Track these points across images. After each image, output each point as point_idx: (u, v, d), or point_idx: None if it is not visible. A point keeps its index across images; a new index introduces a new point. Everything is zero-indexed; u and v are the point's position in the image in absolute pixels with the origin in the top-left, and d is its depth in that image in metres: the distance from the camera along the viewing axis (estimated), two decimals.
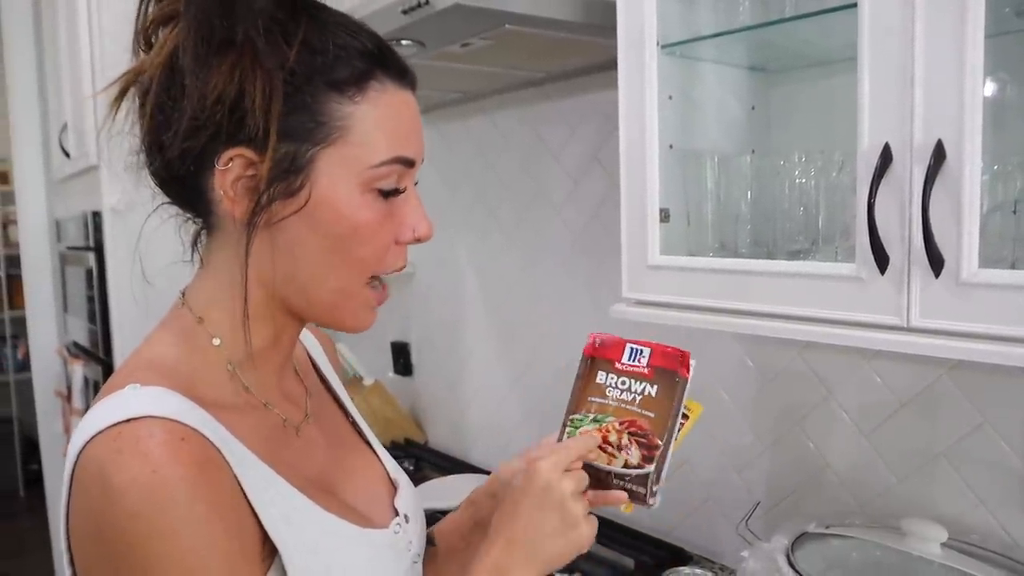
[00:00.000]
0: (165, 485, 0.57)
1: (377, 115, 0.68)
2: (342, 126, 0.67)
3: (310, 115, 0.66)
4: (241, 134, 0.65)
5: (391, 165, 0.69)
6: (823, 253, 1.05)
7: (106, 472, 0.58)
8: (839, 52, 1.14)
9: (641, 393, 0.81)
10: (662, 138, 1.11)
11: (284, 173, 0.66)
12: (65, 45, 2.75)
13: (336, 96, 0.67)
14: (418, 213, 0.74)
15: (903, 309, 0.84)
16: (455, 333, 2.17)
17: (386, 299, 0.76)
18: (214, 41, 0.64)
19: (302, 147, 0.66)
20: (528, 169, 1.86)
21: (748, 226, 1.17)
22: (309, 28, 0.67)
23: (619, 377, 0.83)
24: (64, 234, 3.10)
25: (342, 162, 0.67)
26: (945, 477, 1.15)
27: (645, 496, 0.80)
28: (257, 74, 0.64)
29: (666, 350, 0.82)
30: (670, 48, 1.10)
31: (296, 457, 0.76)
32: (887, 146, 0.83)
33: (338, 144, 0.67)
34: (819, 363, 1.31)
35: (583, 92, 1.70)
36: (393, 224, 0.72)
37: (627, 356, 0.83)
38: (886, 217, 0.84)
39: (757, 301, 0.99)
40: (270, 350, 0.76)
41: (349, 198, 0.68)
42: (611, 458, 0.80)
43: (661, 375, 0.81)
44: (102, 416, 0.60)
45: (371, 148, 0.68)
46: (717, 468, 1.49)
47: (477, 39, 1.30)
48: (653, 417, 0.80)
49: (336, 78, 0.66)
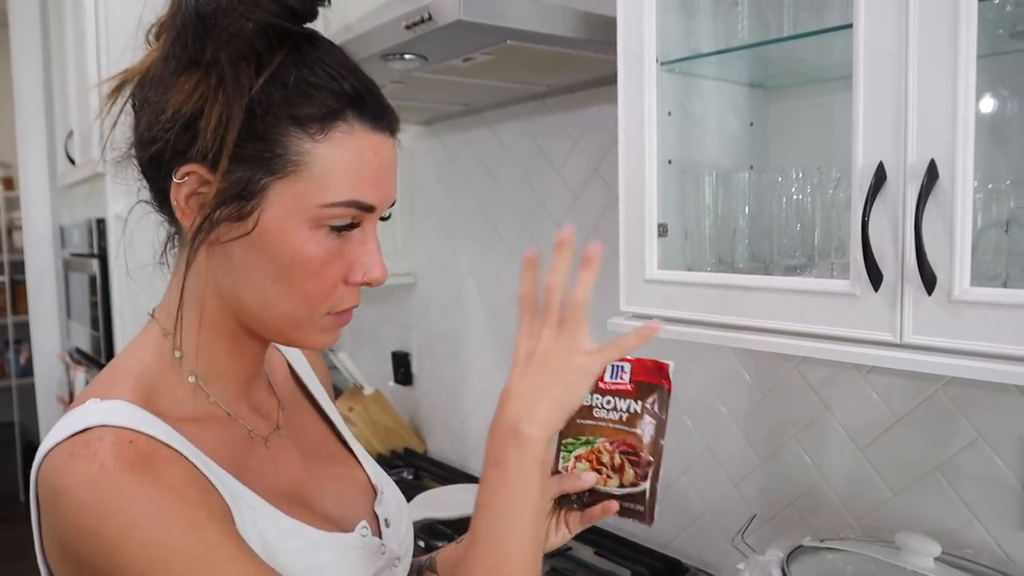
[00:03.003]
0: (111, 476, 0.60)
1: (337, 156, 0.68)
2: (298, 161, 0.67)
3: (267, 145, 0.66)
4: (197, 152, 0.66)
5: (344, 208, 0.69)
6: (819, 269, 1.06)
7: (57, 477, 0.61)
8: (837, 70, 1.15)
9: (627, 411, 0.82)
10: (661, 153, 1.12)
11: (235, 197, 0.67)
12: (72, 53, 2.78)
13: (297, 131, 0.67)
14: (372, 256, 0.73)
15: (896, 326, 0.85)
16: (455, 343, 2.18)
17: (347, 322, 0.76)
18: (184, 58, 0.66)
19: (256, 175, 0.67)
20: (529, 181, 1.87)
21: (745, 241, 1.18)
22: (286, 61, 0.67)
23: (604, 397, 0.83)
24: (68, 240, 3.12)
25: (294, 196, 0.67)
26: (939, 492, 1.16)
27: (644, 514, 0.81)
28: (218, 97, 0.65)
29: (647, 363, 0.83)
30: (669, 64, 1.12)
31: (262, 467, 0.77)
32: (881, 165, 0.84)
33: (292, 178, 0.67)
34: (815, 377, 1.31)
35: (584, 106, 1.71)
36: (343, 263, 0.71)
37: (609, 374, 0.84)
38: (880, 235, 0.85)
39: (753, 316, 1.00)
40: (233, 363, 0.77)
41: (296, 231, 0.68)
42: (607, 480, 0.81)
43: (644, 389, 0.82)
44: (59, 431, 0.63)
45: (326, 187, 0.68)
46: (714, 481, 1.50)
47: (479, 54, 1.31)
48: (642, 435, 0.81)
49: (299, 113, 0.67)
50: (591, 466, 0.82)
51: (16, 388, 5.05)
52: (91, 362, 2.86)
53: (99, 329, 2.71)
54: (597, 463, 0.81)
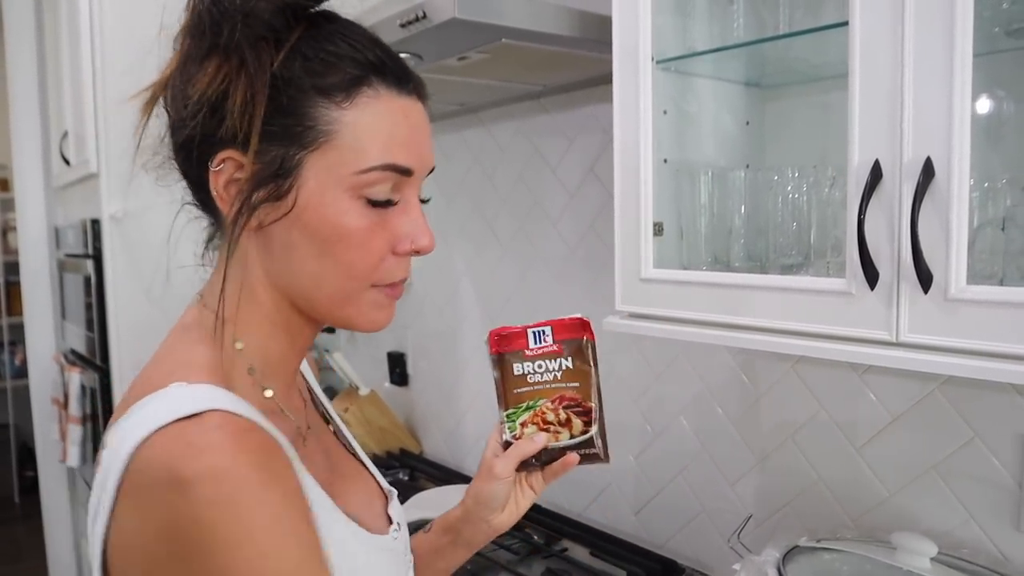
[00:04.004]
0: (239, 471, 0.57)
1: (367, 121, 0.67)
2: (328, 130, 0.67)
3: (297, 119, 0.66)
4: (229, 137, 0.66)
5: (381, 172, 0.68)
6: (815, 268, 1.06)
7: (176, 466, 0.56)
8: (833, 68, 1.15)
9: (559, 369, 0.87)
10: (656, 152, 1.11)
11: (271, 176, 0.67)
12: (67, 53, 2.77)
13: (324, 101, 0.67)
14: (418, 224, 0.72)
15: (892, 324, 0.85)
16: (451, 343, 2.18)
17: (399, 295, 0.75)
18: (204, 46, 0.66)
19: (289, 151, 0.67)
20: (525, 181, 1.87)
21: (741, 240, 1.17)
22: (304, 36, 0.67)
23: (534, 362, 0.87)
24: (63, 241, 3.11)
25: (329, 167, 0.67)
26: (936, 491, 1.16)
27: (599, 454, 0.88)
28: (241, 77, 0.65)
29: (565, 322, 0.88)
30: (665, 63, 1.11)
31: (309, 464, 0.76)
32: (877, 163, 0.84)
33: (324, 149, 0.67)
34: (812, 377, 1.31)
35: (580, 105, 1.71)
36: (387, 234, 0.71)
37: (533, 341, 0.88)
38: (876, 233, 0.85)
39: (749, 315, 0.99)
40: (287, 355, 0.76)
41: (336, 203, 0.68)
42: (556, 435, 0.87)
43: (570, 345, 0.87)
44: (155, 415, 0.59)
45: (359, 153, 0.67)
46: (710, 481, 1.49)
47: (474, 53, 1.31)
48: (579, 385, 0.87)
49: (323, 83, 0.67)
50: (538, 427, 0.87)
51: (11, 390, 5.04)
52: (86, 363, 2.85)
53: (94, 330, 2.70)
54: (544, 423, 0.87)
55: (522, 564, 1.53)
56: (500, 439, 0.89)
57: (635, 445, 1.64)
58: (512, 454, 0.87)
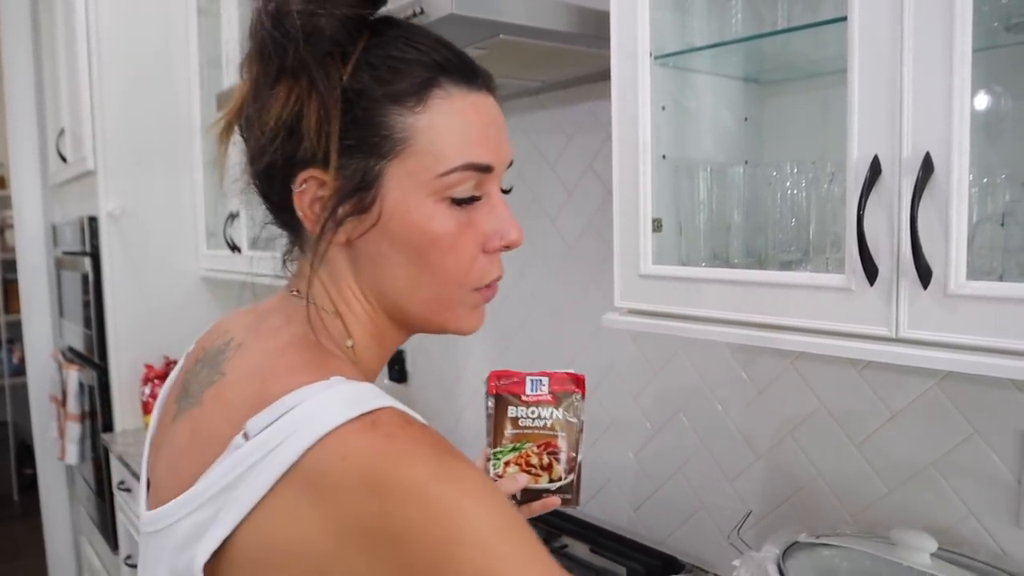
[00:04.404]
0: (457, 467, 0.56)
1: (441, 123, 0.67)
2: (405, 137, 0.66)
3: (373, 130, 0.66)
4: (308, 156, 0.66)
5: (461, 172, 0.67)
6: (814, 264, 1.06)
7: (377, 463, 0.54)
8: (831, 64, 1.14)
9: (550, 417, 0.92)
10: (655, 148, 1.11)
11: (355, 190, 0.66)
12: (63, 50, 2.76)
13: (396, 109, 0.66)
14: (504, 218, 0.71)
15: (892, 320, 0.85)
16: (450, 341, 2.17)
17: (493, 296, 0.75)
18: (272, 71, 0.66)
19: (370, 162, 0.66)
20: (524, 177, 1.86)
21: (740, 236, 1.17)
22: (368, 45, 0.67)
23: (528, 408, 0.93)
24: (60, 239, 3.11)
25: (410, 174, 0.66)
26: (935, 488, 1.16)
27: (572, 500, 0.93)
28: (312, 96, 0.65)
29: (561, 376, 0.93)
30: (663, 59, 1.11)
31: None
32: (876, 158, 0.83)
33: (403, 156, 0.66)
34: (811, 373, 1.31)
35: (578, 101, 1.70)
36: (476, 233, 0.70)
37: (530, 388, 0.93)
38: (875, 229, 0.84)
39: (748, 311, 0.99)
40: (379, 364, 0.77)
41: (420, 209, 0.67)
42: (536, 478, 0.92)
43: (562, 398, 0.93)
44: (332, 410, 0.57)
45: (437, 157, 0.66)
46: (709, 477, 1.49)
47: (472, 48, 1.30)
48: (565, 436, 0.92)
49: (394, 91, 0.66)
50: (521, 468, 0.92)
51: (9, 388, 5.04)
52: (84, 361, 2.85)
53: (92, 328, 2.70)
54: (527, 465, 0.92)
55: None
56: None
57: (634, 441, 1.64)
58: None
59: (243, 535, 0.57)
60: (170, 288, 2.71)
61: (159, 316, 2.68)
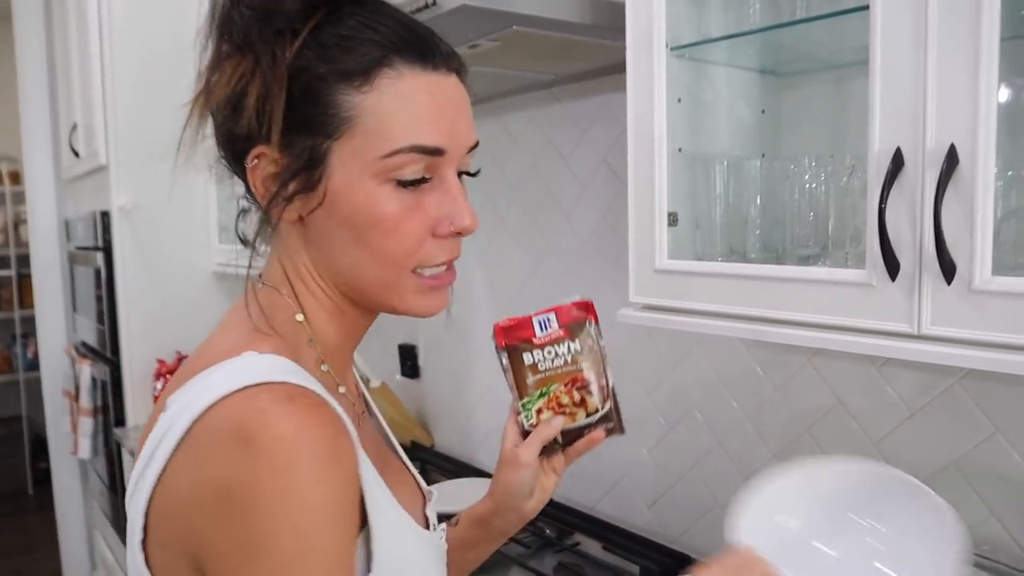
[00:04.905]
0: (308, 443, 0.57)
1: (389, 103, 0.66)
2: (350, 116, 0.65)
3: (320, 108, 0.65)
4: (255, 133, 0.66)
5: (406, 154, 0.66)
6: (833, 259, 1.04)
7: (245, 427, 0.57)
8: (851, 55, 1.12)
9: (568, 353, 0.89)
10: (671, 141, 1.09)
11: (302, 168, 0.66)
12: (75, 45, 2.76)
13: (343, 88, 0.65)
14: (456, 204, 0.70)
15: (914, 316, 0.82)
16: (463, 336, 2.16)
17: (447, 281, 0.74)
18: (223, 47, 0.67)
19: (316, 140, 0.66)
20: (537, 171, 1.85)
21: (757, 231, 1.15)
22: (322, 23, 0.66)
23: (543, 350, 0.89)
24: (73, 234, 3.11)
25: (354, 154, 0.66)
26: (956, 488, 1.14)
27: (616, 428, 0.91)
28: (256, 73, 0.65)
29: (568, 307, 0.90)
30: (679, 50, 1.09)
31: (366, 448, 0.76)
32: (899, 150, 0.81)
33: (348, 136, 0.66)
34: (829, 370, 1.29)
35: (593, 94, 1.68)
36: (424, 216, 0.69)
37: (539, 329, 0.89)
38: (897, 223, 0.82)
39: (766, 307, 0.97)
40: (342, 342, 0.76)
41: (364, 190, 0.67)
42: (573, 416, 0.88)
43: (575, 329, 0.89)
44: (227, 379, 0.60)
45: (382, 138, 0.66)
46: (724, 475, 1.48)
47: (485, 40, 1.29)
48: (588, 366, 0.89)
49: (342, 69, 0.65)
50: (554, 411, 0.88)
51: (24, 382, 5.07)
52: (96, 356, 2.86)
53: (104, 323, 2.70)
54: (559, 406, 0.88)
55: (534, 558, 1.52)
56: (518, 428, 0.90)
57: (649, 438, 1.62)
58: (534, 440, 0.88)
59: (157, 496, 0.61)
60: (182, 283, 2.71)
61: (171, 311, 2.68)
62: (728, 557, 0.79)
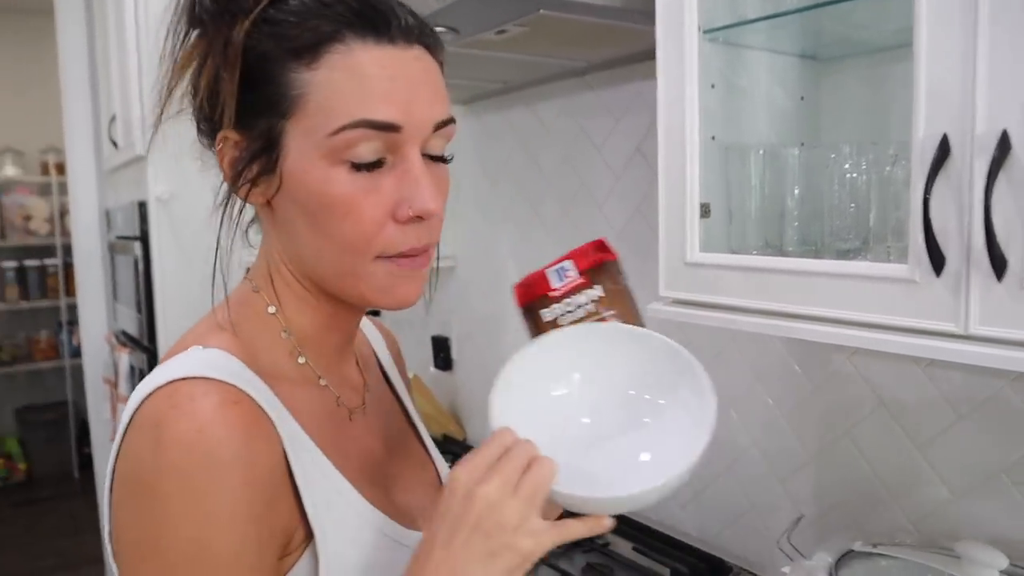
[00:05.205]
0: (207, 446, 0.57)
1: (337, 79, 0.63)
2: (300, 95, 0.63)
3: (273, 88, 0.64)
4: (217, 116, 0.65)
5: (354, 130, 0.63)
6: (875, 253, 0.98)
7: (159, 424, 0.58)
8: (896, 38, 1.06)
9: (591, 300, 0.80)
10: (704, 129, 1.04)
11: (261, 150, 0.65)
12: (113, 39, 2.79)
13: (293, 65, 0.63)
14: (416, 185, 0.65)
15: (960, 315, 0.77)
16: (496, 328, 2.13)
17: (417, 267, 0.69)
18: (180, 34, 0.67)
19: (272, 121, 0.64)
20: (570, 162, 1.80)
21: (795, 223, 1.10)
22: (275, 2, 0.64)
23: (562, 303, 0.80)
24: (114, 223, 3.15)
25: (305, 134, 0.64)
26: (1006, 497, 1.07)
27: None
28: (208, 56, 0.65)
29: (583, 250, 0.82)
30: (712, 33, 1.04)
31: (347, 443, 0.74)
32: (945, 137, 0.76)
33: (299, 115, 0.64)
34: (870, 369, 1.23)
35: (625, 82, 1.63)
36: (383, 199, 0.65)
37: (556, 280, 0.81)
38: (943, 214, 0.77)
39: (800, 303, 0.92)
40: (325, 331, 0.74)
41: (315, 171, 0.64)
42: None
43: (595, 273, 0.80)
44: (164, 373, 0.61)
45: (329, 114, 0.63)
46: (760, 476, 1.42)
47: (512, 25, 1.25)
48: (615, 310, 0.79)
49: (292, 46, 0.63)
50: None
51: (69, 368, 5.17)
52: (135, 344, 2.88)
53: (142, 311, 2.72)
54: None
55: (562, 558, 1.48)
56: None
57: None
58: None
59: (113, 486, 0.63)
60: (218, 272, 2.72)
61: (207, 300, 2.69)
62: (449, 499, 0.63)
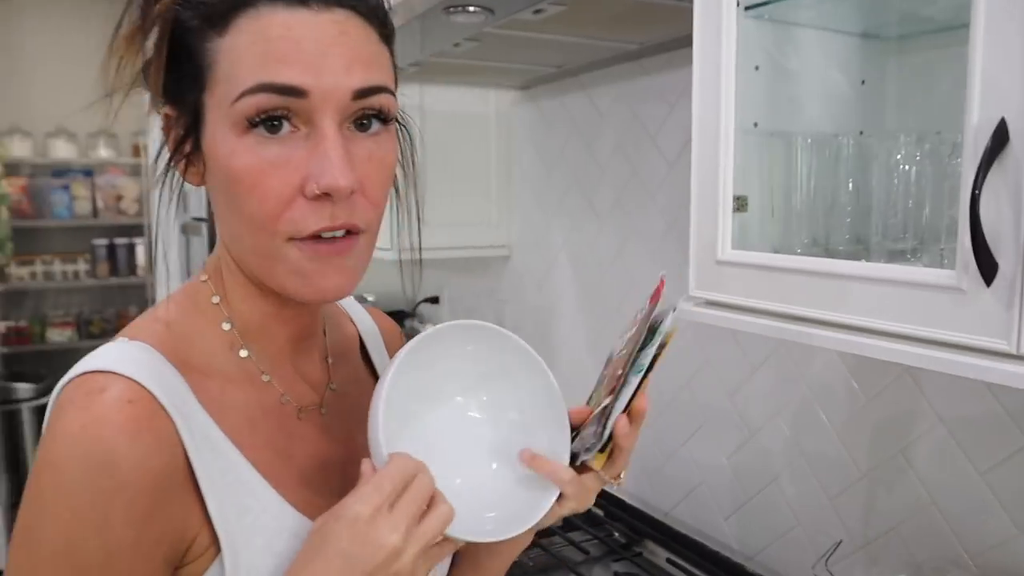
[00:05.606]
0: (87, 444, 0.56)
1: (241, 44, 0.59)
2: (210, 64, 0.60)
3: (192, 60, 0.61)
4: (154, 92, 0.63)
5: (254, 95, 0.58)
6: (930, 255, 0.88)
7: (57, 415, 0.58)
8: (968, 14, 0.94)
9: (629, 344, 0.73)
10: (744, 114, 0.95)
11: (190, 126, 0.62)
12: None
13: (206, 35, 0.61)
14: (324, 158, 0.59)
15: (1013, 331, 0.66)
16: (548, 321, 2.06)
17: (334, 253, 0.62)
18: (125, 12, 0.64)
19: (194, 95, 0.62)
20: (624, 150, 1.72)
21: (847, 220, 0.99)
22: None
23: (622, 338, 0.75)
24: (188, 204, 3.22)
25: (216, 104, 0.61)
26: None
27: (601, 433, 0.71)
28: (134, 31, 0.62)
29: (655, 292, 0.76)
30: (756, 9, 0.94)
31: (290, 443, 0.70)
32: (1003, 122, 0.65)
33: (211, 86, 0.61)
34: (930, 383, 1.11)
35: (680, 66, 1.54)
36: (290, 172, 0.60)
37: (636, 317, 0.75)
38: (995, 213, 0.66)
39: (833, 309, 0.82)
40: (271, 323, 0.70)
41: (224, 143, 0.60)
42: None
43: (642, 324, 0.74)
44: (83, 363, 0.60)
45: (232, 82, 0.59)
46: (807, 493, 1.32)
47: (548, 4, 1.18)
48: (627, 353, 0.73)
49: (206, 14, 0.60)
50: None
51: None
52: None
53: None
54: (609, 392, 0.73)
55: (597, 564, 1.41)
56: None
57: (728, 444, 1.47)
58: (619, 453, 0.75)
59: None
60: None
61: None
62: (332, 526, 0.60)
